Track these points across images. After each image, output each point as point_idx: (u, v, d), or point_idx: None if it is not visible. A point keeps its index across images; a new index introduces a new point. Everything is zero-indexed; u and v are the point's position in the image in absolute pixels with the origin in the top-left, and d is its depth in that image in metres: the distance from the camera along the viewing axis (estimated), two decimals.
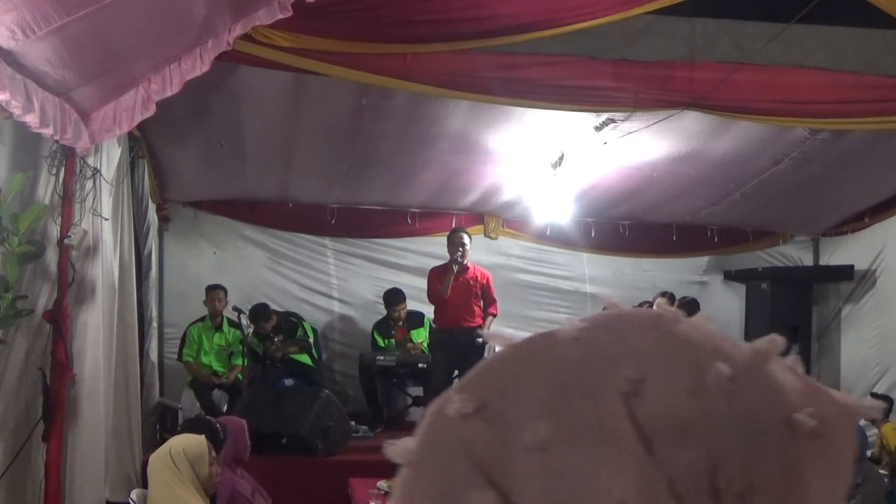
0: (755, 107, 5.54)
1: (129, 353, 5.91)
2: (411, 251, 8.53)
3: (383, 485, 4.99)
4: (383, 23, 4.83)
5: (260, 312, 7.67)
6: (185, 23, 4.10)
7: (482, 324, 7.26)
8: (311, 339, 7.88)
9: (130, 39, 4.02)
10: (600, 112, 5.76)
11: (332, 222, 8.26)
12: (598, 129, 6.07)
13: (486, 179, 7.49)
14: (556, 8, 4.88)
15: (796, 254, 8.99)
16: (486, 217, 8.52)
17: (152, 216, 7.12)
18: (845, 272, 8.20)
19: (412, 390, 8.07)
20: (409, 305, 8.04)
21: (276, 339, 7.73)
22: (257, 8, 4.21)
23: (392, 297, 7.97)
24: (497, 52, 5.07)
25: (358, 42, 4.84)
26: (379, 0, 4.79)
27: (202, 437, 3.69)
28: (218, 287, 7.68)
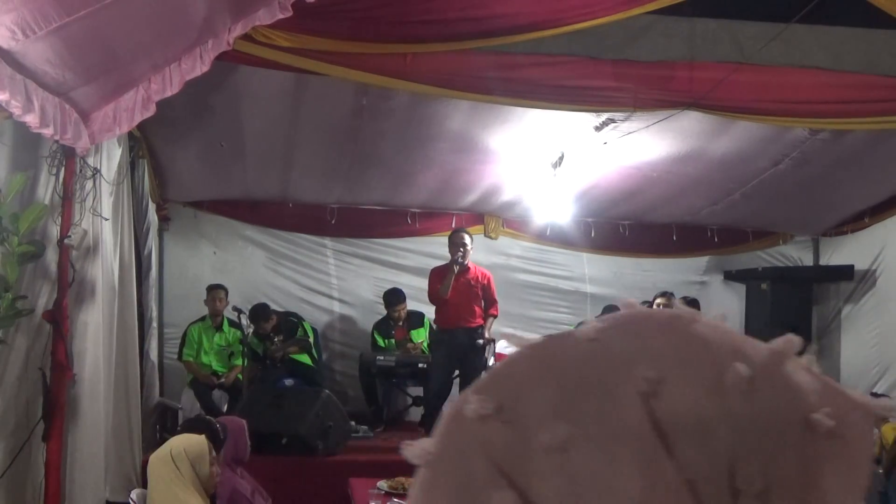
0: (755, 107, 5.54)
1: (129, 353, 5.91)
2: (411, 251, 8.53)
3: (383, 485, 4.99)
4: (383, 23, 4.83)
5: (260, 312, 7.67)
6: (185, 23, 4.10)
7: (483, 324, 7.25)
8: (311, 339, 7.88)
9: (130, 39, 4.02)
10: (600, 112, 5.76)
11: (332, 222, 8.26)
12: (598, 129, 6.07)
13: (486, 179, 7.48)
14: (556, 8, 4.88)
15: (796, 254, 8.99)
16: (486, 217, 8.52)
17: (152, 216, 7.12)
18: (845, 272, 8.19)
19: (412, 390, 8.07)
20: (409, 305, 8.04)
21: (276, 339, 7.73)
22: (257, 8, 4.21)
23: (392, 297, 7.97)
24: (497, 52, 5.07)
25: (358, 42, 4.84)
26: (379, 0, 4.79)
27: (202, 437, 3.69)
28: (219, 287, 7.68)
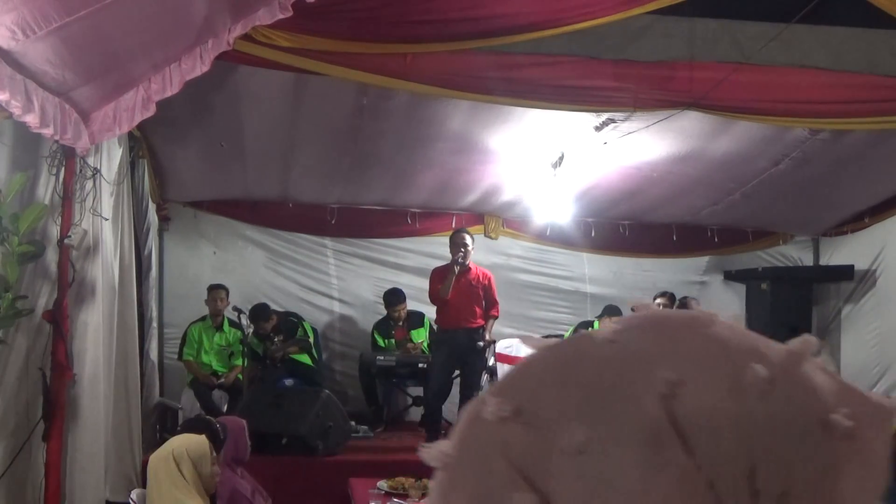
0: (755, 107, 5.54)
1: (129, 353, 5.91)
2: (411, 251, 8.53)
3: (383, 485, 4.99)
4: (383, 23, 4.83)
5: (260, 312, 7.67)
6: (185, 23, 4.10)
7: (483, 325, 7.25)
8: (311, 339, 7.88)
9: (130, 39, 4.02)
10: (600, 112, 5.76)
11: (332, 222, 8.26)
12: (598, 129, 6.07)
13: (486, 179, 7.48)
14: (556, 8, 4.88)
15: (796, 254, 8.99)
16: (486, 217, 8.52)
17: (152, 216, 7.12)
18: (845, 272, 8.19)
19: (412, 390, 8.07)
20: (410, 305, 8.04)
21: (276, 339, 7.73)
22: (257, 8, 4.21)
23: (392, 297, 7.97)
24: (497, 52, 5.07)
25: (358, 42, 4.84)
26: (379, 0, 4.79)
27: (203, 437, 3.69)
28: (220, 287, 7.68)
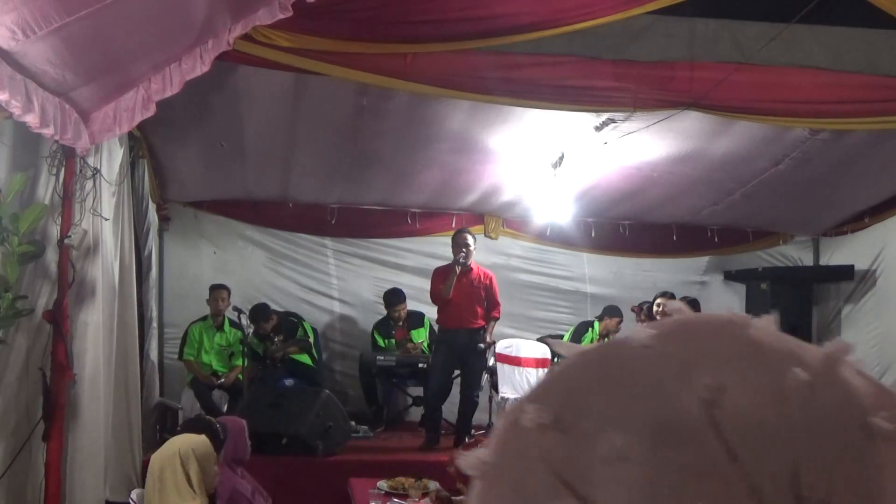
0: (755, 107, 5.54)
1: (129, 353, 5.91)
2: (411, 251, 8.53)
3: (383, 485, 4.99)
4: (383, 23, 4.83)
5: (260, 312, 7.68)
6: (185, 23, 4.10)
7: (484, 326, 7.24)
8: (311, 339, 7.88)
9: (130, 39, 4.02)
10: (600, 112, 5.76)
11: (332, 222, 8.26)
12: (598, 129, 6.06)
13: (486, 179, 7.48)
14: (556, 8, 4.88)
15: (796, 254, 8.99)
16: (486, 217, 8.52)
17: (152, 216, 7.12)
18: (845, 272, 8.19)
19: (412, 390, 8.07)
20: (410, 305, 8.04)
21: (276, 339, 7.73)
22: (257, 8, 4.21)
23: (392, 297, 7.97)
24: (497, 52, 5.07)
25: (358, 42, 4.84)
26: (379, 0, 4.79)
27: (205, 437, 3.69)
28: (221, 287, 7.68)
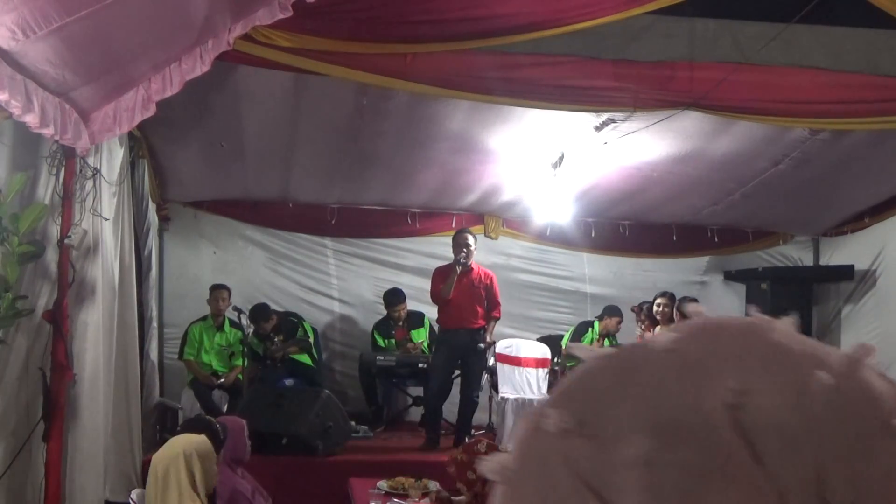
0: (755, 107, 5.54)
1: (129, 353, 5.91)
2: (411, 251, 8.53)
3: (383, 485, 4.99)
4: (383, 23, 4.83)
5: (260, 312, 7.68)
6: (185, 23, 4.10)
7: (485, 326, 7.24)
8: (311, 339, 7.88)
9: (130, 39, 4.02)
10: (600, 112, 5.76)
11: (332, 222, 8.26)
12: (598, 129, 6.06)
13: (486, 179, 7.48)
14: (556, 8, 4.88)
15: (796, 254, 8.99)
16: (486, 217, 8.52)
17: (152, 216, 7.12)
18: (845, 272, 8.19)
19: (412, 390, 8.07)
20: (410, 305, 8.04)
21: (276, 339, 7.73)
22: (257, 8, 4.21)
23: (392, 297, 7.97)
24: (497, 52, 5.07)
25: (358, 42, 4.84)
26: (379, 0, 4.79)
27: (205, 437, 3.69)
28: (222, 287, 7.68)
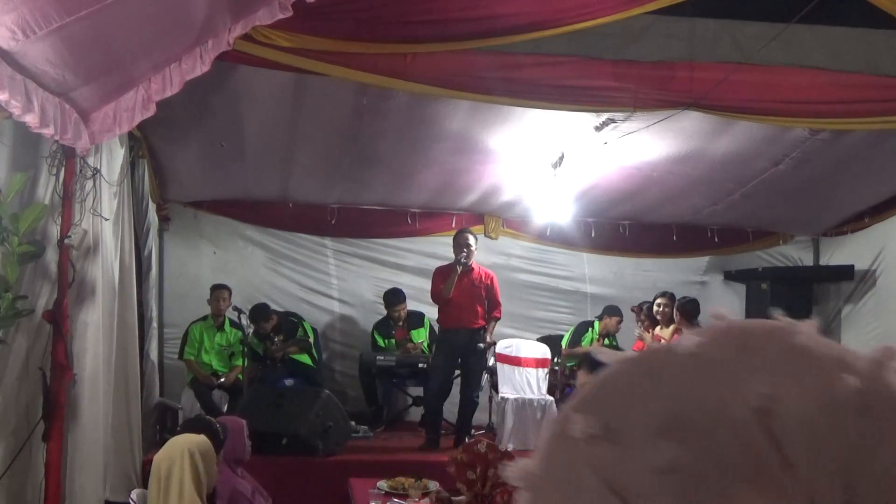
0: (755, 107, 5.54)
1: (129, 353, 5.91)
2: (412, 251, 8.53)
3: (383, 485, 4.99)
4: (383, 23, 4.83)
5: (260, 312, 7.67)
6: (185, 23, 4.10)
7: (485, 325, 7.24)
8: (311, 339, 7.88)
9: (130, 39, 4.02)
10: (600, 112, 5.76)
11: (332, 222, 8.26)
12: (598, 129, 6.06)
13: (486, 179, 7.48)
14: (556, 8, 4.88)
15: (796, 254, 8.99)
16: (486, 217, 8.52)
17: (152, 216, 7.12)
18: (845, 272, 8.19)
19: (412, 390, 8.07)
20: (410, 305, 8.04)
21: (276, 339, 7.73)
22: (257, 8, 4.21)
23: (392, 297, 7.97)
24: (497, 52, 5.07)
25: (358, 42, 4.84)
26: (379, 0, 4.79)
27: (205, 437, 3.69)
28: (223, 287, 7.68)
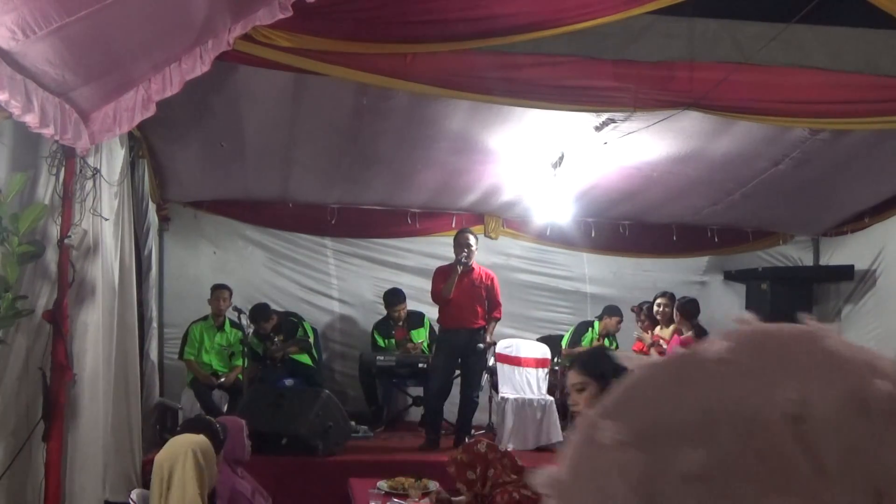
0: (755, 107, 5.54)
1: (129, 353, 5.91)
2: (411, 251, 8.53)
3: (383, 485, 4.98)
4: (383, 23, 4.83)
5: (260, 312, 7.67)
6: (185, 23, 4.10)
7: (485, 326, 7.24)
8: (311, 339, 7.88)
9: (130, 39, 4.02)
10: (600, 112, 5.76)
11: (332, 222, 8.26)
12: (598, 129, 6.06)
13: (486, 179, 7.48)
14: (556, 8, 4.88)
15: (796, 254, 8.99)
16: (486, 217, 8.52)
17: (152, 216, 7.12)
18: (845, 272, 8.19)
19: (412, 390, 8.07)
20: (410, 305, 8.04)
21: (276, 339, 7.73)
22: (257, 8, 4.21)
23: (392, 297, 7.97)
24: (497, 52, 5.07)
25: (358, 42, 4.84)
26: (379, 0, 4.79)
27: (205, 437, 3.69)
28: (223, 287, 7.68)
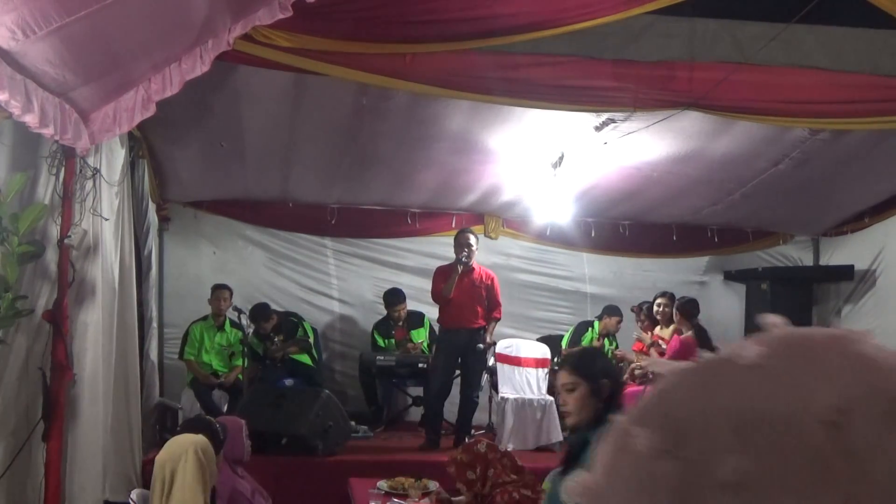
0: (755, 107, 5.54)
1: (129, 353, 5.91)
2: (411, 251, 8.53)
3: (383, 485, 4.99)
4: (383, 23, 4.83)
5: (260, 312, 7.68)
6: (185, 23, 4.10)
7: (485, 326, 7.24)
8: (311, 339, 7.88)
9: (130, 39, 4.02)
10: (600, 112, 5.76)
11: (332, 222, 8.26)
12: (598, 129, 6.06)
13: (486, 179, 7.48)
14: (556, 8, 4.87)
15: (796, 254, 8.99)
16: (486, 217, 8.52)
17: (152, 216, 7.12)
18: (845, 272, 8.19)
19: (412, 390, 8.07)
20: (410, 305, 8.04)
21: (276, 339, 7.73)
22: (257, 8, 4.21)
23: (392, 297, 7.97)
24: (497, 52, 5.07)
25: (358, 42, 4.83)
26: (379, 0, 4.79)
27: (205, 437, 3.69)
28: (224, 287, 7.68)
